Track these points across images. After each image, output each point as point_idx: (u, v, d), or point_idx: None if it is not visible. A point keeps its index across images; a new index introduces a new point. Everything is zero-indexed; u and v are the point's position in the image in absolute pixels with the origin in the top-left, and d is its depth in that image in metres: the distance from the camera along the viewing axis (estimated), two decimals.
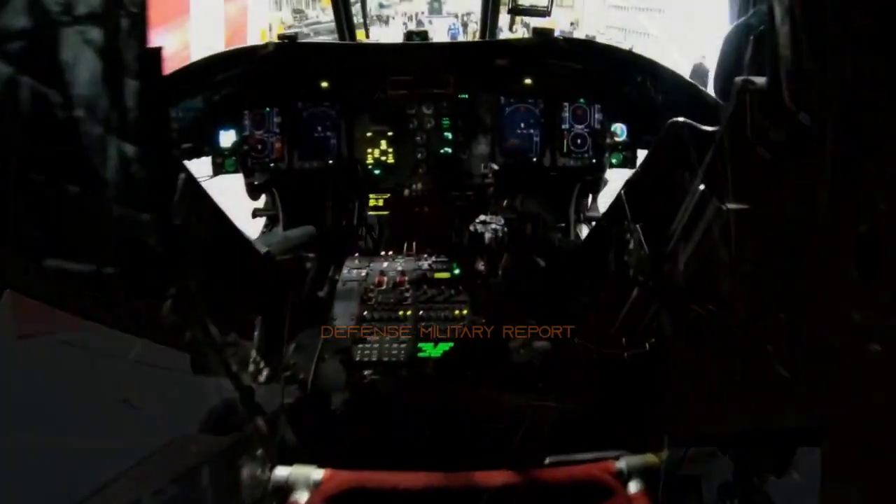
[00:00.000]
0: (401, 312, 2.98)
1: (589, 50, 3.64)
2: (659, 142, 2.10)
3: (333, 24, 4.12)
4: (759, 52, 1.28)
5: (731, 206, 1.31)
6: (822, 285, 1.02)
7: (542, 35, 3.55)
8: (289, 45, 3.60)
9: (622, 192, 2.21)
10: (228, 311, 2.07)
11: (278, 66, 3.66)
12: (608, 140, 3.69)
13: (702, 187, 1.52)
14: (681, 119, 1.87)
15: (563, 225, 4.18)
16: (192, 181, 1.73)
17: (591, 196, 4.19)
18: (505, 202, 3.65)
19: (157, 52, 1.44)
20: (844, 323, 0.91)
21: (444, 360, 2.76)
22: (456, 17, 29.30)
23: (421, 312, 2.98)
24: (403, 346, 2.80)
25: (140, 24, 1.35)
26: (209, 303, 1.77)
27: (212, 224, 1.96)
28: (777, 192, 1.17)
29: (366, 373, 2.72)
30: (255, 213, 4.28)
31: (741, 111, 1.23)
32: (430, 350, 2.79)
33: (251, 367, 2.37)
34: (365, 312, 2.98)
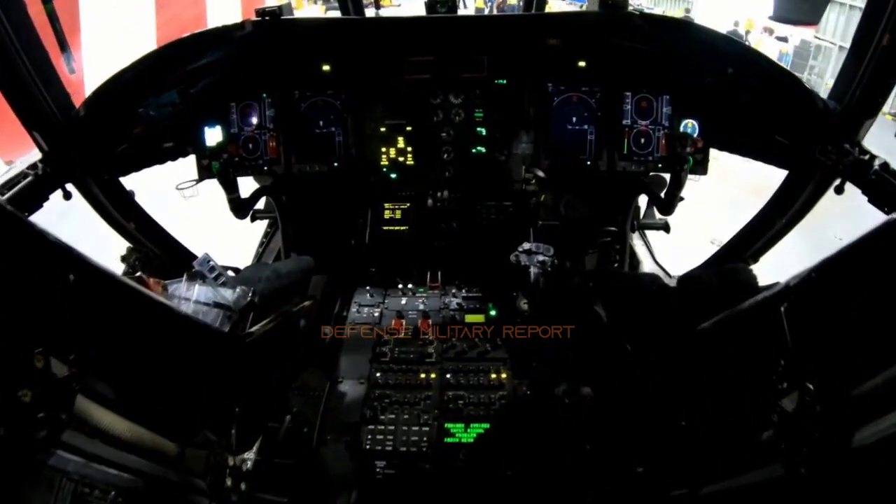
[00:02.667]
0: (422, 375, 2.31)
1: (672, 30, 2.80)
2: (872, 239, 1.31)
3: None
4: None
5: None
6: None
7: (613, 7, 2.71)
8: (271, 24, 2.83)
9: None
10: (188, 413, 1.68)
11: (264, 49, 2.93)
12: (680, 142, 2.87)
13: None
14: None
15: (614, 230, 3.43)
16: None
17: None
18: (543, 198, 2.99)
19: None
20: None
21: (479, 448, 2.06)
22: None
23: (448, 376, 2.31)
24: (426, 428, 2.11)
25: None
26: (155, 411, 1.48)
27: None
28: None
29: (378, 465, 2.06)
30: (255, 216, 3.63)
31: None
32: (461, 433, 2.11)
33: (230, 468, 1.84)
34: (378, 374, 2.34)
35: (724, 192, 7.69)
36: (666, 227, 3.65)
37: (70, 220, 2.86)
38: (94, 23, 9.37)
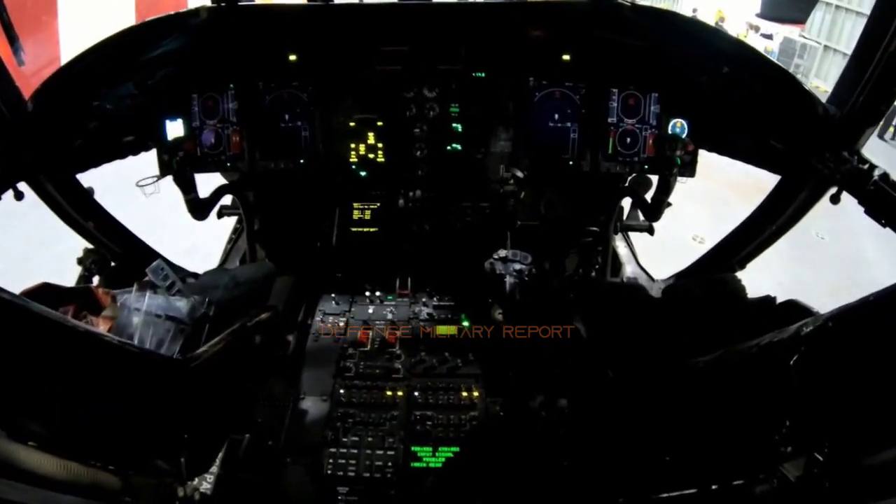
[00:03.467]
0: (389, 393, 2.15)
1: (663, 24, 2.67)
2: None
3: None
4: None
5: None
6: None
7: None
8: (227, 10, 2.63)
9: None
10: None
11: (223, 37, 2.73)
12: (669, 144, 2.73)
13: None
14: None
15: (596, 230, 3.31)
16: None
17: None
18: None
19: None
20: None
21: (448, 474, 1.91)
22: None
23: (416, 394, 2.15)
24: (391, 452, 1.95)
25: None
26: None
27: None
28: None
29: (340, 492, 1.90)
30: (221, 213, 3.46)
31: None
32: (428, 458, 1.95)
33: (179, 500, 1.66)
34: (341, 391, 2.16)
35: (707, 188, 7.63)
36: (650, 230, 3.53)
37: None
38: (71, 5, 9.04)
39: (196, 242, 3.15)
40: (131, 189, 2.75)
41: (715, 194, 7.94)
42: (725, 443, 1.42)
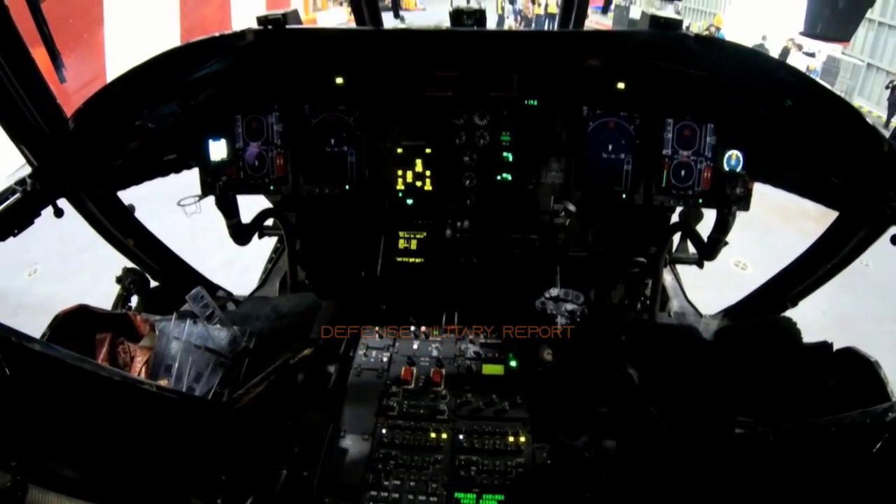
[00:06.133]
0: (433, 434, 2.06)
1: (728, 56, 2.52)
2: None
3: None
4: None
5: None
6: None
7: (665, 28, 2.42)
8: (275, 34, 2.58)
9: None
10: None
11: (270, 59, 2.69)
12: (729, 182, 2.59)
13: None
14: None
15: (643, 261, 3.17)
16: None
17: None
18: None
19: None
20: None
21: None
22: None
23: (461, 436, 2.04)
24: (434, 499, 1.87)
25: None
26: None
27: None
28: None
29: None
30: (262, 234, 3.42)
31: None
32: None
33: None
34: (384, 430, 2.08)
35: (749, 212, 7.28)
36: (700, 263, 3.38)
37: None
38: (118, 22, 9.21)
39: (236, 253, 3.12)
40: (171, 199, 2.74)
41: (757, 219, 7.66)
42: None
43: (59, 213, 2.47)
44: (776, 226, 7.47)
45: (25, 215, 2.32)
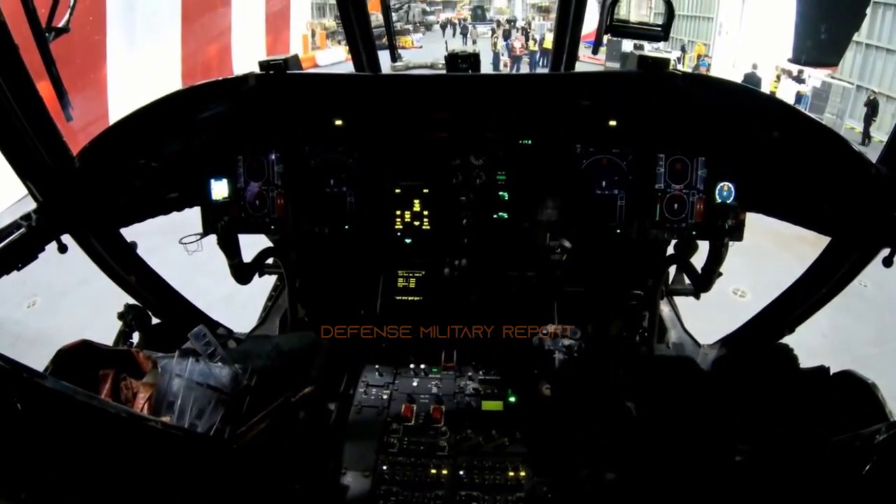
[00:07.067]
0: (433, 471, 2.09)
1: (716, 92, 2.63)
2: None
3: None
4: None
5: None
6: None
7: (653, 67, 2.51)
8: (276, 78, 2.66)
9: None
10: None
11: (271, 102, 2.78)
12: (720, 214, 2.65)
13: None
14: None
15: (640, 294, 3.20)
16: None
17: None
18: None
19: None
20: None
21: None
22: (497, 24, 28.14)
23: (461, 473, 2.05)
24: None
25: None
26: None
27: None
28: None
29: None
30: (263, 272, 3.45)
31: None
32: None
33: None
34: (384, 467, 2.10)
35: (744, 239, 7.35)
36: (696, 295, 3.42)
37: None
38: (120, 64, 9.40)
39: (235, 289, 3.15)
40: (171, 234, 2.79)
41: (754, 245, 7.73)
42: None
43: (62, 248, 2.52)
44: (771, 251, 7.52)
45: (29, 250, 2.37)
